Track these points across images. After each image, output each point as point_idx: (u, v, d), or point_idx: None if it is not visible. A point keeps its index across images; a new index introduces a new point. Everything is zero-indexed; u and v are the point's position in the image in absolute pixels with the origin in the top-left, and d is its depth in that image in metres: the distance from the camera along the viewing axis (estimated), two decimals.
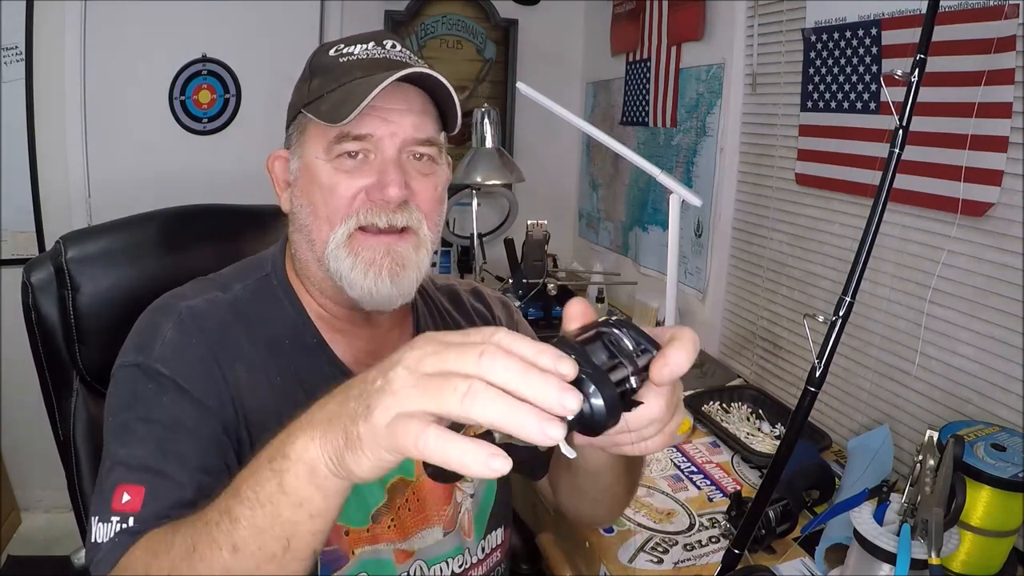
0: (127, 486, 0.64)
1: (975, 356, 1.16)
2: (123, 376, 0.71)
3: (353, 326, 0.82)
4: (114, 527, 0.62)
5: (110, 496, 0.64)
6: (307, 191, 0.76)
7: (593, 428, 0.44)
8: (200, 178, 2.34)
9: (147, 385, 0.69)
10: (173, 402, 0.68)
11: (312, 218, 0.75)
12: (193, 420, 0.68)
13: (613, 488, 0.79)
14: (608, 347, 0.46)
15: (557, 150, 2.80)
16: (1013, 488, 0.89)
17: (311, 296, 0.81)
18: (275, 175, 0.82)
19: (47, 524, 2.33)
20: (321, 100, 0.74)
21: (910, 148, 0.93)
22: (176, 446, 0.67)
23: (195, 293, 0.77)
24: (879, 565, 0.83)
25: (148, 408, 0.68)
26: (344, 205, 0.73)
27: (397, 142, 0.74)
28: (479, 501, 0.88)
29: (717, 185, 1.88)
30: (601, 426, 0.44)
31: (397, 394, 0.43)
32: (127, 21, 2.24)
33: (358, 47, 0.77)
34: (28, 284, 0.93)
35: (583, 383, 0.43)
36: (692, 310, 2.04)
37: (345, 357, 0.80)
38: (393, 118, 0.73)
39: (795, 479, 1.12)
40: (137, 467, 0.65)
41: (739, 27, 1.76)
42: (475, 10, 2.65)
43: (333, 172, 0.74)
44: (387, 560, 0.78)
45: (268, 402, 0.73)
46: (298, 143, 0.78)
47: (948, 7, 1.12)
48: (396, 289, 0.74)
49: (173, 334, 0.72)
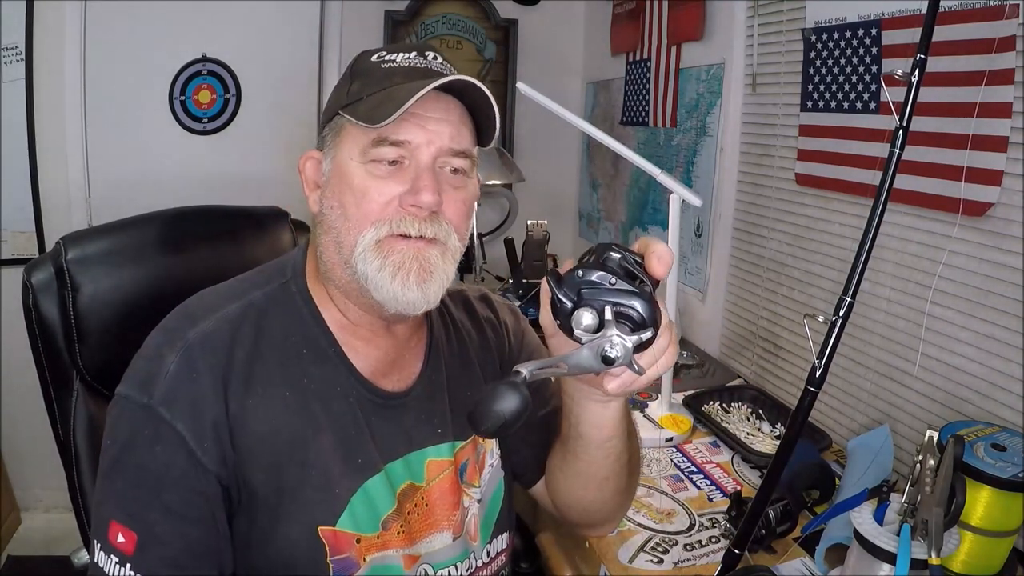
0: (120, 526, 0.68)
1: (975, 356, 1.16)
2: (123, 411, 0.71)
3: (373, 334, 0.81)
4: (114, 568, 0.67)
5: (106, 527, 0.68)
6: (339, 193, 0.75)
7: (651, 343, 0.53)
8: (200, 178, 2.34)
9: (144, 430, 0.69)
10: (166, 451, 0.69)
11: (342, 220, 0.74)
12: (182, 470, 0.69)
13: (620, 460, 0.80)
14: (625, 266, 0.54)
15: (557, 150, 2.81)
16: (1013, 488, 0.89)
17: (332, 302, 0.80)
18: (306, 175, 0.81)
19: (47, 524, 2.33)
20: (360, 103, 0.74)
21: (910, 148, 0.93)
22: (165, 498, 0.68)
23: (205, 312, 0.76)
24: (879, 565, 0.83)
25: (142, 454, 0.69)
26: (376, 210, 0.73)
27: (433, 150, 0.73)
28: (486, 506, 0.88)
29: (717, 185, 1.88)
30: (657, 333, 0.52)
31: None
32: (127, 21, 2.24)
33: (400, 55, 0.77)
34: (28, 284, 0.93)
35: (637, 301, 0.51)
36: (692, 310, 2.04)
37: (363, 367, 0.80)
38: (431, 126, 0.73)
39: (795, 479, 1.12)
40: (128, 512, 0.68)
41: (739, 27, 1.76)
42: (475, 10, 2.65)
43: (366, 176, 0.73)
44: (396, 564, 0.78)
45: (277, 421, 0.73)
46: (332, 144, 0.77)
47: (948, 7, 1.12)
48: (422, 295, 0.74)
49: (176, 368, 0.71)
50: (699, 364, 1.87)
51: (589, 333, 0.50)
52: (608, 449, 0.78)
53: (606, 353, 0.49)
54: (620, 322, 0.50)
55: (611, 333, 0.49)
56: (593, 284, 0.51)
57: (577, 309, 0.51)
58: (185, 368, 0.71)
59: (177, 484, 0.69)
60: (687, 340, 2.03)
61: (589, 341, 0.50)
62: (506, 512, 0.91)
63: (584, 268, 0.52)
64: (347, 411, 0.77)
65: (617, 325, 0.50)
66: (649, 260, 0.55)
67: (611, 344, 0.49)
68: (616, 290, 0.51)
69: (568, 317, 0.51)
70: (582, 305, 0.51)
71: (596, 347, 0.49)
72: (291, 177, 0.83)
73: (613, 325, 0.50)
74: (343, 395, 0.78)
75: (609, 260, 0.54)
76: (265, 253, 1.09)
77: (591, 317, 0.50)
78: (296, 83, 2.38)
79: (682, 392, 1.57)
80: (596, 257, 0.54)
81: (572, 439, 0.79)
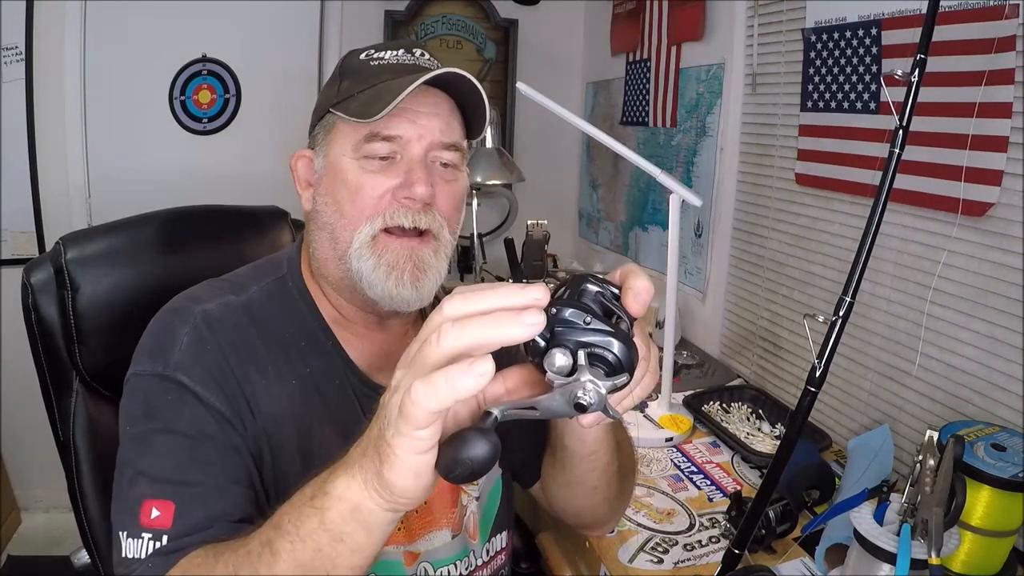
0: (155, 501, 0.63)
1: (975, 356, 1.16)
2: (140, 385, 0.70)
3: (367, 329, 0.81)
4: (146, 545, 0.62)
5: (137, 510, 0.63)
6: (332, 189, 0.76)
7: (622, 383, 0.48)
8: (200, 178, 2.34)
9: (166, 396, 0.68)
10: (194, 413, 0.68)
11: (337, 216, 0.75)
12: (215, 429, 0.68)
13: (608, 471, 0.79)
14: (602, 303, 0.51)
15: (557, 150, 2.80)
16: (1013, 488, 0.89)
17: (326, 298, 0.81)
18: (297, 173, 0.82)
19: (47, 524, 2.33)
20: (351, 99, 0.75)
21: (910, 148, 0.93)
22: (201, 455, 0.66)
23: (209, 296, 0.76)
24: (879, 565, 0.83)
25: (169, 419, 0.67)
26: (371, 204, 0.73)
27: (425, 144, 0.74)
28: (484, 504, 0.88)
29: (717, 185, 1.88)
30: (631, 371, 0.48)
31: (399, 387, 0.46)
32: (127, 21, 2.23)
33: (388, 53, 0.78)
34: (28, 285, 0.93)
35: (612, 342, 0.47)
36: (692, 310, 2.04)
37: (359, 359, 0.80)
38: (422, 120, 0.74)
39: (795, 479, 1.12)
40: (163, 480, 0.64)
41: (739, 27, 1.76)
42: (475, 10, 2.65)
43: (360, 171, 0.74)
44: (396, 562, 0.79)
45: (284, 406, 0.73)
46: (324, 142, 0.78)
47: (948, 7, 1.12)
48: (416, 293, 0.75)
49: (189, 340, 0.71)
50: (699, 364, 1.87)
51: (562, 376, 0.47)
52: (594, 462, 0.78)
53: (578, 400, 0.46)
54: (594, 365, 0.47)
55: (584, 379, 0.46)
56: (567, 322, 0.47)
57: (550, 349, 0.47)
58: (198, 340, 0.71)
59: (213, 439, 0.67)
60: (687, 340, 2.03)
61: (561, 386, 0.47)
62: (505, 511, 0.91)
63: (558, 304, 0.48)
64: (346, 403, 0.78)
65: (591, 369, 0.47)
66: (625, 297, 0.51)
67: (584, 390, 0.46)
68: (591, 329, 0.47)
69: (541, 356, 0.48)
70: (555, 345, 0.47)
71: (568, 393, 0.47)
72: (290, 177, 0.83)
73: (587, 370, 0.46)
74: (341, 387, 0.78)
75: (585, 294, 0.50)
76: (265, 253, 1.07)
77: (564, 359, 0.47)
78: (296, 83, 2.38)
79: (682, 392, 1.57)
80: (571, 291, 0.51)
81: (559, 450, 0.79)
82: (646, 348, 0.54)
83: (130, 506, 0.64)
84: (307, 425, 0.74)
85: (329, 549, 0.51)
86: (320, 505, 0.51)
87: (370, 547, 0.52)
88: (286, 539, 0.52)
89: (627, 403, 0.57)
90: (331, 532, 0.51)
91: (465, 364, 0.42)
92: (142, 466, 0.66)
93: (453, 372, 0.42)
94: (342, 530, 0.51)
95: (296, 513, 0.53)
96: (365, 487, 0.49)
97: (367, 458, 0.49)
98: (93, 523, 0.95)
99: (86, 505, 0.95)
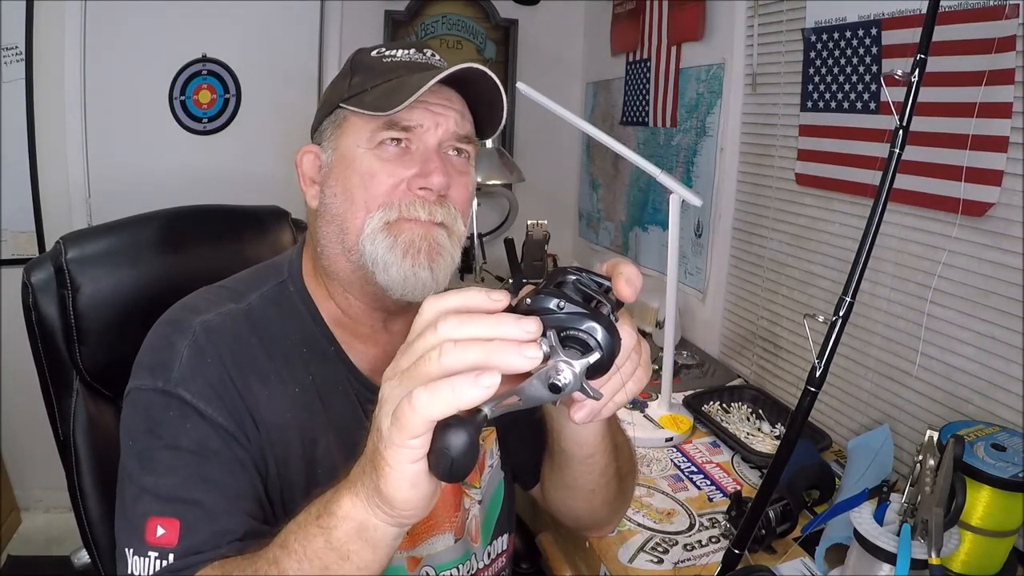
0: (160, 519, 0.63)
1: (975, 356, 1.16)
2: (142, 400, 0.70)
3: (372, 331, 0.81)
4: (152, 563, 0.62)
5: (142, 528, 0.63)
6: (343, 179, 0.75)
7: (603, 366, 0.48)
8: (200, 178, 2.34)
9: (168, 412, 0.67)
10: (196, 428, 0.67)
11: (348, 204, 0.74)
12: (218, 444, 0.67)
13: (606, 474, 0.79)
14: (581, 289, 0.52)
15: (557, 150, 2.80)
16: (1013, 488, 0.89)
17: (332, 299, 0.80)
18: (303, 170, 0.80)
19: (47, 524, 2.33)
20: (365, 94, 0.74)
21: (910, 148, 0.93)
22: (205, 472, 0.66)
23: (208, 306, 0.75)
24: (879, 565, 0.83)
25: (172, 436, 0.67)
26: (384, 192, 0.73)
27: (440, 132, 0.74)
28: (486, 507, 0.88)
29: (717, 185, 1.88)
30: (611, 355, 0.48)
31: (389, 399, 0.46)
32: (127, 21, 2.24)
33: (400, 51, 0.78)
34: (28, 284, 0.93)
35: (586, 323, 0.48)
36: (692, 310, 2.04)
37: (362, 365, 0.80)
38: (439, 111, 0.74)
39: (795, 479, 1.12)
40: (168, 498, 0.64)
41: (739, 27, 1.76)
42: (475, 10, 2.65)
43: (374, 160, 0.73)
44: (399, 566, 0.78)
45: (287, 415, 0.73)
46: (334, 136, 0.77)
47: (948, 7, 1.12)
48: (432, 275, 0.73)
49: (189, 354, 0.70)
50: (699, 364, 1.87)
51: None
52: (591, 464, 0.78)
53: (553, 381, 0.46)
54: (569, 347, 0.47)
55: (557, 359, 0.46)
56: (542, 310, 0.48)
57: None
58: (198, 353, 0.70)
59: (217, 455, 0.67)
60: (687, 340, 2.03)
61: (538, 370, 0.46)
62: (506, 513, 0.91)
63: (535, 296, 0.48)
64: (349, 409, 0.77)
65: (565, 351, 0.47)
66: (617, 282, 0.52)
67: (557, 371, 0.46)
68: (566, 314, 0.47)
69: None
70: None
71: (544, 375, 0.46)
72: (291, 177, 0.82)
73: (560, 351, 0.46)
74: (344, 393, 0.78)
75: (564, 285, 0.51)
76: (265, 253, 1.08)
77: (541, 345, 0.47)
78: (296, 83, 2.38)
79: (682, 392, 1.57)
80: (550, 283, 0.51)
81: (556, 453, 0.79)
82: (634, 340, 0.55)
83: (135, 523, 0.64)
84: (311, 433, 0.74)
85: (336, 568, 0.52)
86: (326, 525, 0.52)
87: (376, 564, 0.53)
88: (292, 559, 0.53)
89: (620, 398, 0.57)
90: (338, 551, 0.52)
91: (472, 375, 0.43)
92: (146, 483, 0.65)
93: (459, 381, 0.43)
94: (348, 548, 0.51)
95: (302, 533, 0.53)
96: (368, 505, 0.50)
97: (366, 475, 0.50)
98: (93, 523, 0.94)
99: (86, 505, 0.95)
